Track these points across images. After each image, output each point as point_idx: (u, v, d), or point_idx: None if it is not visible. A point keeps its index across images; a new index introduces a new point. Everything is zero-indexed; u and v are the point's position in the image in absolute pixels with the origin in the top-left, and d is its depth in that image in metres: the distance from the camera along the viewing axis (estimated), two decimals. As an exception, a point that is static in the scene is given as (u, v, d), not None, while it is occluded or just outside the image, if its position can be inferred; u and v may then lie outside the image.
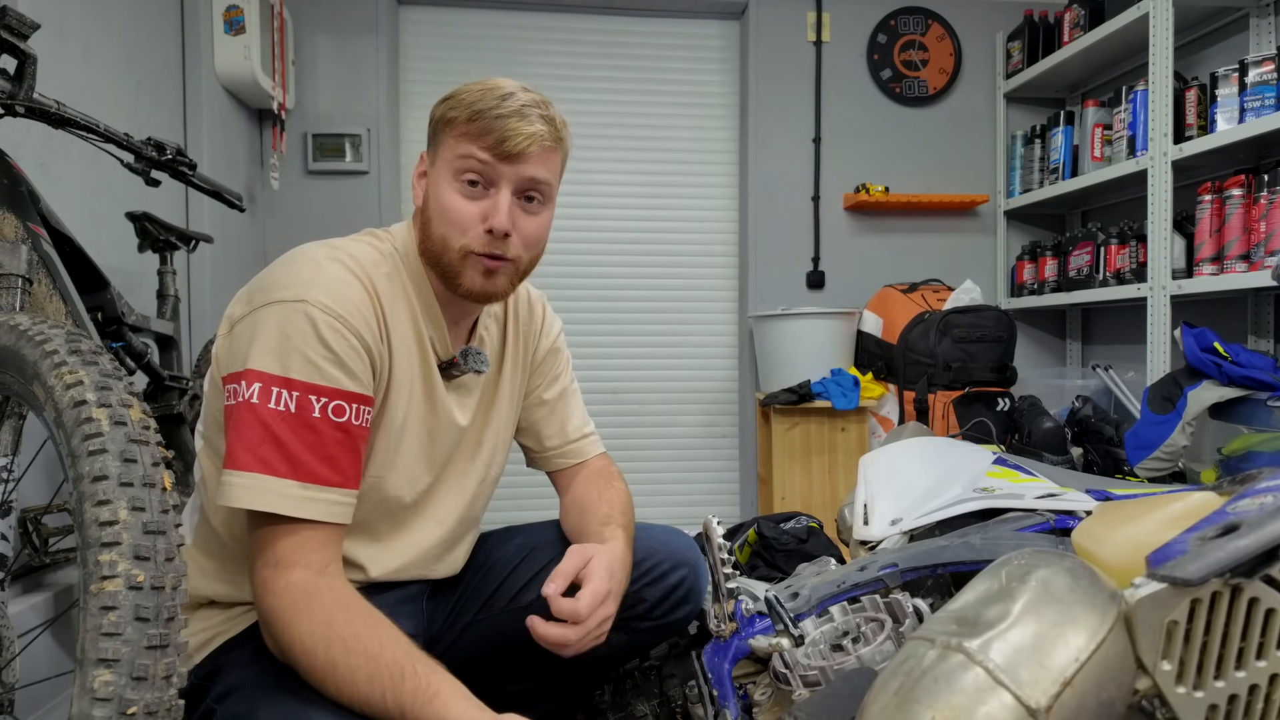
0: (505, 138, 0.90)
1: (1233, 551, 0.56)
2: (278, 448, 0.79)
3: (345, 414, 0.83)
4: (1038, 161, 2.98)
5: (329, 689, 0.76)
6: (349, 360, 0.83)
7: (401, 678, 0.75)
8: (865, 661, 0.90)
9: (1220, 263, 2.12)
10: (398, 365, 0.92)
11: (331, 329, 0.82)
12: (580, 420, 1.19)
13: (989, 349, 2.60)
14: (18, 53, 1.11)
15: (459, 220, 0.91)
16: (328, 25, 2.87)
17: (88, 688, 0.59)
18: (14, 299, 1.08)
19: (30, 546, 1.36)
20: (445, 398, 0.98)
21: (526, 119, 0.91)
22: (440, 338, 0.97)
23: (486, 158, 0.90)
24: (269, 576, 0.79)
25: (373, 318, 0.88)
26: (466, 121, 0.90)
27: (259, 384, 0.79)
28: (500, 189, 0.91)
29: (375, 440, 0.92)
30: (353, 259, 0.89)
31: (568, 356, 1.20)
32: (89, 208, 1.76)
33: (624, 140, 3.16)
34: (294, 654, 0.77)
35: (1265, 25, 2.32)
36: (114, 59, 1.93)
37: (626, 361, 3.18)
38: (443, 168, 0.92)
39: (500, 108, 0.90)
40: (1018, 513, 1.14)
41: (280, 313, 0.82)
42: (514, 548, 1.12)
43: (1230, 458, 1.83)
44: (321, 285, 0.84)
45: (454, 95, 0.93)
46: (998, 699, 0.55)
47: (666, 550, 1.11)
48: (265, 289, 0.85)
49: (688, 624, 1.16)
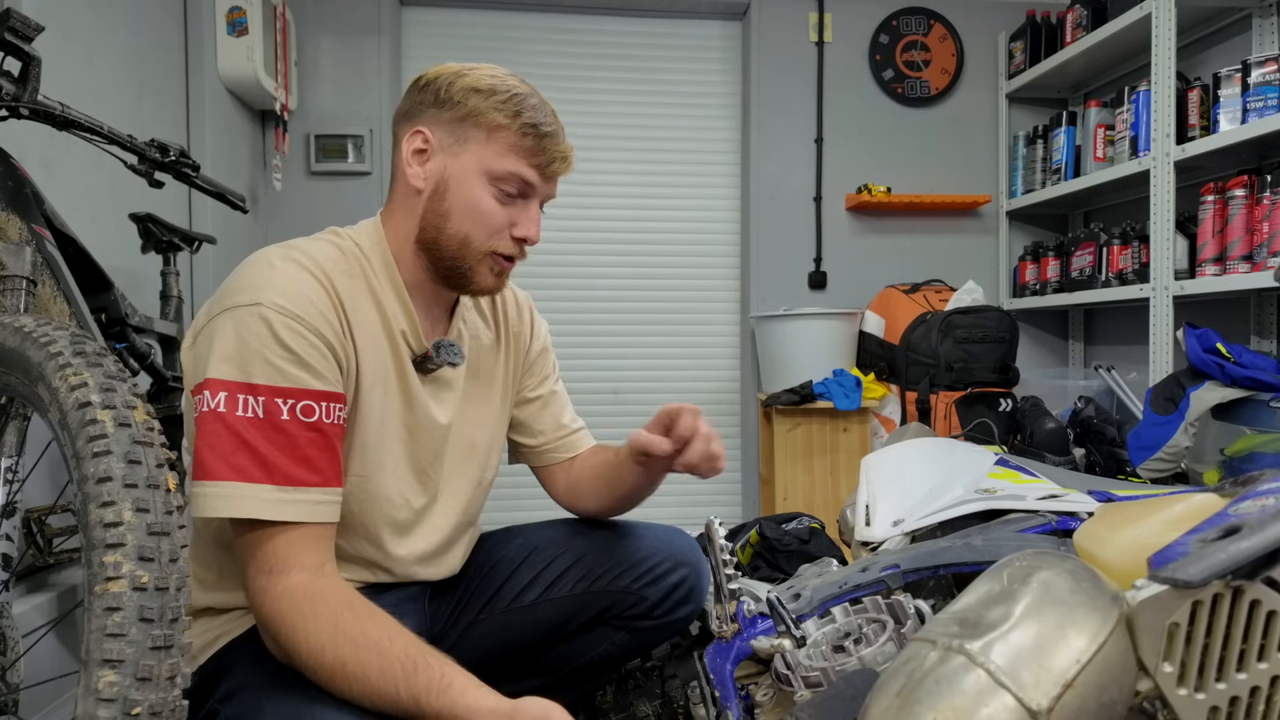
0: (553, 159, 0.93)
1: (1234, 554, 0.56)
2: (250, 454, 0.78)
3: (315, 413, 0.82)
4: (1040, 162, 2.98)
5: (339, 687, 0.76)
6: (311, 359, 0.82)
7: (414, 669, 0.75)
8: (867, 663, 0.90)
9: (1223, 263, 2.12)
10: (366, 362, 0.90)
11: (289, 329, 0.81)
12: (571, 415, 1.20)
13: (991, 349, 2.59)
14: (22, 55, 1.12)
15: (492, 225, 0.92)
16: (330, 26, 2.87)
17: (92, 688, 0.59)
18: (18, 300, 1.08)
19: (34, 547, 1.37)
20: (421, 393, 0.97)
21: (563, 139, 0.95)
22: (413, 330, 0.95)
23: (533, 178, 0.93)
24: (265, 583, 0.79)
25: (333, 314, 0.86)
26: (519, 135, 0.91)
27: (224, 392, 0.78)
28: (532, 200, 0.95)
29: (353, 438, 0.91)
30: (308, 257, 0.87)
31: (554, 356, 1.21)
32: (93, 209, 1.77)
33: (626, 141, 3.16)
34: (300, 656, 0.77)
35: (1268, 25, 2.32)
36: (117, 61, 1.93)
37: (628, 362, 3.18)
38: (477, 168, 0.91)
39: (544, 123, 0.92)
40: (1019, 514, 1.14)
41: (236, 318, 0.81)
42: (515, 548, 1.12)
43: (1233, 459, 1.83)
44: (276, 286, 0.83)
45: (489, 91, 0.91)
46: (999, 700, 0.56)
47: (668, 550, 1.12)
48: (221, 297, 0.84)
49: (689, 624, 1.16)
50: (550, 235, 3.12)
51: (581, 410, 1.23)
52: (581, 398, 3.02)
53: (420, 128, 0.93)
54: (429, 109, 0.93)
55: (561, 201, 3.13)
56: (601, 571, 1.09)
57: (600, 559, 1.10)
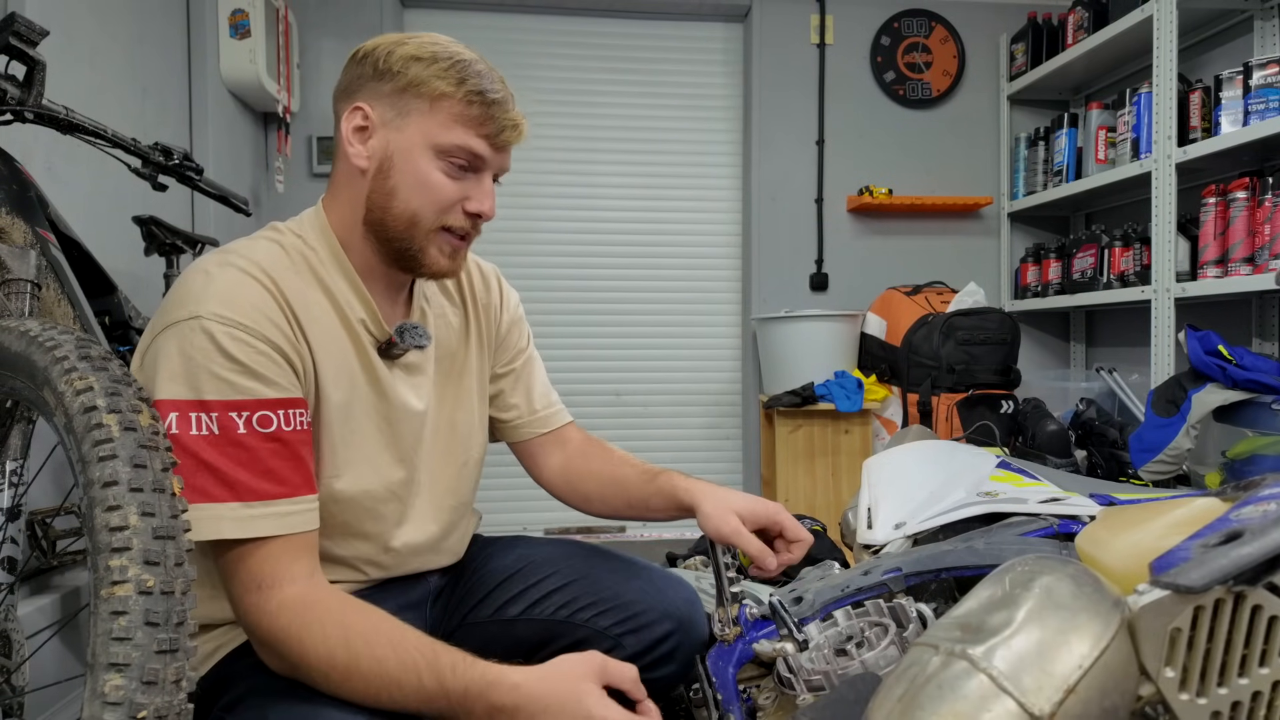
0: (503, 128, 0.88)
1: (1236, 559, 0.56)
2: (210, 473, 0.75)
3: (273, 423, 0.78)
4: (1041, 164, 2.98)
5: (355, 687, 0.75)
6: (260, 368, 0.79)
7: (434, 654, 0.75)
8: (869, 666, 0.90)
9: (1224, 265, 2.12)
10: (324, 360, 0.87)
11: (233, 339, 0.77)
12: (545, 386, 1.16)
13: (993, 351, 2.60)
14: (27, 59, 1.12)
15: (442, 200, 0.87)
16: (332, 29, 2.88)
17: (98, 692, 0.59)
18: (23, 304, 1.09)
19: (38, 549, 1.37)
20: (391, 381, 0.93)
21: (512, 106, 0.89)
22: (372, 317, 0.91)
23: (482, 149, 0.87)
24: (257, 601, 0.76)
25: (280, 316, 0.82)
26: (464, 103, 0.86)
27: (174, 413, 0.75)
28: (484, 174, 0.90)
29: (321, 440, 0.87)
30: (246, 260, 0.83)
31: (528, 326, 1.16)
32: (96, 212, 1.77)
33: (627, 143, 3.16)
34: (310, 664, 0.75)
35: (1270, 28, 2.32)
36: (120, 64, 1.94)
37: (630, 364, 3.18)
38: (422, 141, 0.86)
39: (494, 90, 0.87)
40: (1021, 517, 1.14)
41: (177, 334, 0.77)
42: (514, 559, 1.09)
43: (1235, 461, 1.83)
44: (214, 295, 0.79)
45: (430, 59, 0.86)
46: (1001, 705, 0.56)
47: (658, 599, 1.02)
48: (161, 314, 0.80)
49: (670, 688, 1.05)
50: (551, 236, 3.14)
51: (583, 411, 1.23)
52: (583, 399, 3.03)
53: (359, 103, 0.88)
54: (368, 82, 0.88)
55: (562, 203, 3.15)
56: (586, 604, 1.03)
57: (588, 589, 1.04)
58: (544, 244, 3.11)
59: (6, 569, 0.96)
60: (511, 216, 3.05)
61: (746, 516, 0.97)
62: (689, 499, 1.00)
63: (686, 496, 1.00)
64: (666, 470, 1.06)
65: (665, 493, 1.03)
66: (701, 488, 1.02)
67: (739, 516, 0.97)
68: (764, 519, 0.99)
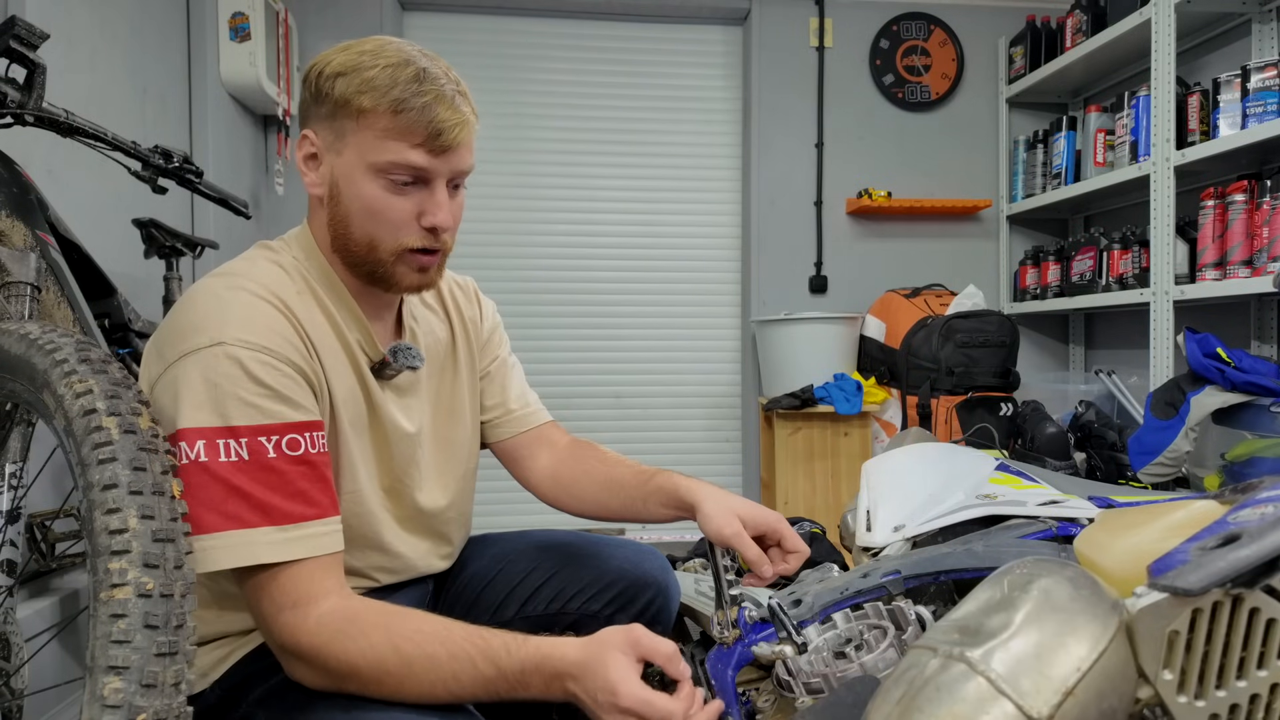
0: (439, 131, 0.82)
1: (1233, 562, 0.56)
2: (243, 499, 0.74)
3: (301, 446, 0.78)
4: (1040, 166, 2.99)
5: (412, 689, 0.75)
6: (287, 391, 0.79)
7: (483, 641, 0.75)
8: (868, 669, 0.90)
9: (1223, 268, 2.13)
10: (334, 381, 0.87)
11: (260, 364, 0.77)
12: (523, 388, 1.16)
13: (992, 354, 2.60)
14: (27, 62, 1.12)
15: (392, 220, 0.85)
16: (332, 31, 2.88)
17: (97, 695, 0.59)
18: (23, 306, 1.09)
19: (38, 552, 1.37)
20: (384, 402, 0.93)
21: (452, 104, 0.83)
22: (367, 338, 0.91)
23: (421, 160, 0.83)
24: (293, 619, 0.76)
25: (297, 339, 0.82)
26: (389, 114, 0.81)
27: (202, 441, 0.74)
28: (434, 183, 0.85)
29: (339, 459, 0.89)
30: (255, 283, 0.82)
31: (505, 333, 1.17)
32: (96, 215, 1.77)
33: (627, 145, 3.16)
34: (360, 672, 0.75)
35: (1267, 31, 2.33)
36: (121, 67, 1.94)
37: (629, 366, 3.18)
38: (359, 163, 0.83)
39: (421, 92, 0.81)
40: (1020, 520, 1.14)
41: (199, 362, 0.76)
42: (490, 559, 1.10)
43: (1234, 463, 1.83)
44: (235, 321, 0.78)
45: (352, 71, 0.82)
46: (1000, 708, 0.56)
47: (637, 572, 1.08)
48: (174, 340, 0.78)
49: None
50: (551, 239, 3.14)
51: (583, 414, 1.23)
52: (583, 401, 3.03)
53: (305, 130, 0.87)
54: (310, 106, 0.86)
55: (562, 205, 3.16)
56: (574, 592, 1.07)
57: (572, 578, 1.08)
58: (544, 247, 3.12)
59: (6, 572, 0.96)
60: (511, 220, 3.06)
61: (748, 520, 0.97)
62: (690, 498, 0.99)
63: (688, 495, 1.00)
64: (664, 470, 1.06)
65: (665, 491, 1.02)
66: (702, 488, 1.02)
67: (740, 520, 0.97)
68: (764, 525, 0.98)
